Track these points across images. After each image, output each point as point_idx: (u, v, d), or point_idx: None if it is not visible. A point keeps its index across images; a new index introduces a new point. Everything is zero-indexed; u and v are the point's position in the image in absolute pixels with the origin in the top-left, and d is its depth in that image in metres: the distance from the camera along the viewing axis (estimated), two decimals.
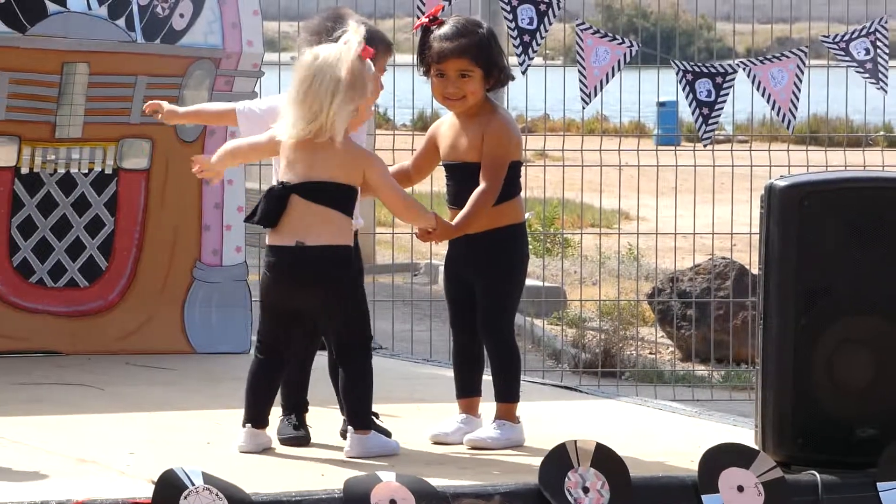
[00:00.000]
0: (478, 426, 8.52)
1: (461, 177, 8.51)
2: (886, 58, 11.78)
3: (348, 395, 8.19)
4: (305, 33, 8.46)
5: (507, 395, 8.53)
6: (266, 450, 8.11)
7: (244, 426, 8.17)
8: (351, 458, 8.02)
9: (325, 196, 8.11)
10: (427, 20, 8.52)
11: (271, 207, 8.06)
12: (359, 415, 8.15)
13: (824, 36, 12.06)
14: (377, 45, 8.28)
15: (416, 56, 8.58)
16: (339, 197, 8.17)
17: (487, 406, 8.52)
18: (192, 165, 8.21)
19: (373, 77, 8.13)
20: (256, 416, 8.16)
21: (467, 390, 8.60)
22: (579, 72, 11.75)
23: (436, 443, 8.45)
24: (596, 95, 11.81)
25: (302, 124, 8.03)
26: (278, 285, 8.09)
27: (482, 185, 8.47)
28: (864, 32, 11.64)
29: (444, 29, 8.52)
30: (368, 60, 8.12)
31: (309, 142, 8.04)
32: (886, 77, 11.79)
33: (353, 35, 8.06)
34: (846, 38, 11.67)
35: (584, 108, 12.23)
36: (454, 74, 8.41)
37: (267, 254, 8.11)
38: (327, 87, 8.02)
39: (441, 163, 8.63)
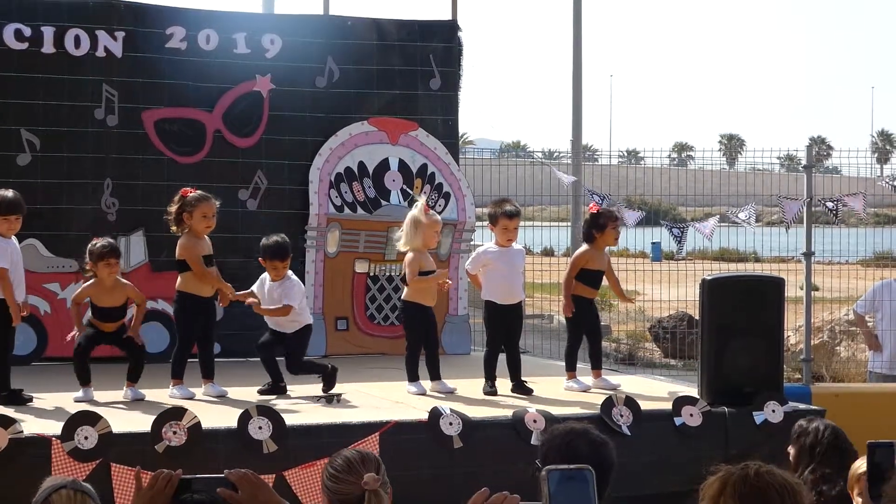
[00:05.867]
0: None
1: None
2: None
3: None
4: (490, 206, 8.39)
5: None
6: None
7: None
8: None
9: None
10: (598, 207, 8.39)
11: None
12: None
13: (728, 211, 11.66)
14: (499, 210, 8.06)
15: (588, 219, 8.38)
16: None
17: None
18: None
19: (430, 221, 7.85)
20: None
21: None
22: (623, 220, 11.01)
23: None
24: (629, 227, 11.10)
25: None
26: None
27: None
28: (744, 210, 11.12)
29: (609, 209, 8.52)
30: (431, 211, 7.94)
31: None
32: None
33: (419, 202, 7.96)
34: None
35: (630, 227, 11.13)
36: (618, 227, 8.36)
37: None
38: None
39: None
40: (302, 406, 7.45)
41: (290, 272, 7.95)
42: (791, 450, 5.30)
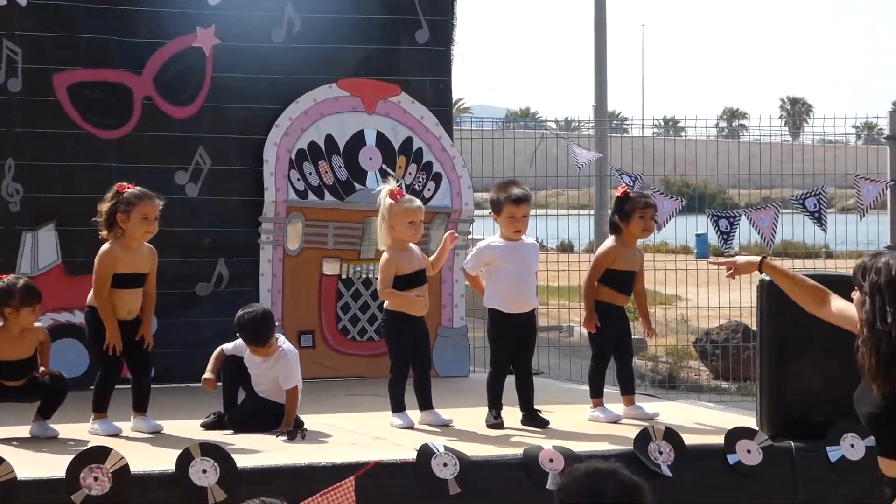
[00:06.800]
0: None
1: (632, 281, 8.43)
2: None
3: None
4: (493, 190, 8.40)
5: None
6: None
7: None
8: None
9: None
10: (625, 190, 8.47)
11: None
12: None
13: (791, 196, 11.66)
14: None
15: (613, 206, 8.51)
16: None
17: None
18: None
19: (401, 209, 7.90)
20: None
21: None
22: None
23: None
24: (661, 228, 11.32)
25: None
26: None
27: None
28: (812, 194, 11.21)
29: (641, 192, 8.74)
30: (407, 196, 8.05)
31: None
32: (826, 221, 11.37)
33: (386, 186, 8.00)
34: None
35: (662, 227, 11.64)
36: (649, 216, 8.32)
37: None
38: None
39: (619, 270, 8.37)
40: (257, 443, 7.44)
41: (279, 342, 7.93)
42: (856, 295, 5.22)
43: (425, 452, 6.97)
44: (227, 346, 8.01)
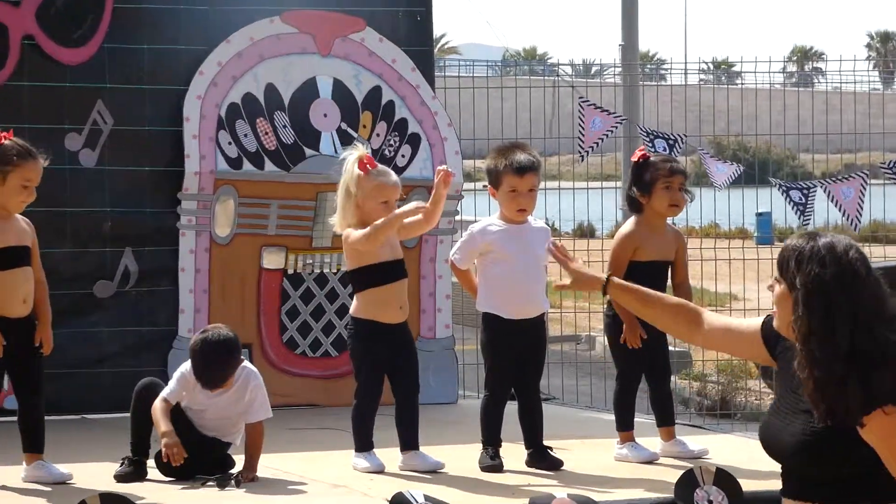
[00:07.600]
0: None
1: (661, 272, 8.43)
2: None
3: None
4: (490, 156, 8.42)
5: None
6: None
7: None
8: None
9: None
10: (643, 154, 8.49)
11: None
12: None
13: (882, 163, 11.62)
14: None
15: (630, 176, 8.56)
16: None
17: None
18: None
19: (374, 185, 7.93)
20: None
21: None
22: (710, 176, 11.34)
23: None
24: (722, 188, 11.31)
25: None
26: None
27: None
28: None
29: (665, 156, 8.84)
30: (380, 167, 8.13)
31: None
32: None
33: (354, 152, 8.06)
34: None
35: (722, 188, 11.68)
36: (677, 185, 8.35)
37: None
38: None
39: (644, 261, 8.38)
40: (177, 493, 7.46)
41: (244, 364, 7.92)
42: (777, 289, 4.98)
43: (400, 503, 6.98)
44: (169, 393, 7.83)
